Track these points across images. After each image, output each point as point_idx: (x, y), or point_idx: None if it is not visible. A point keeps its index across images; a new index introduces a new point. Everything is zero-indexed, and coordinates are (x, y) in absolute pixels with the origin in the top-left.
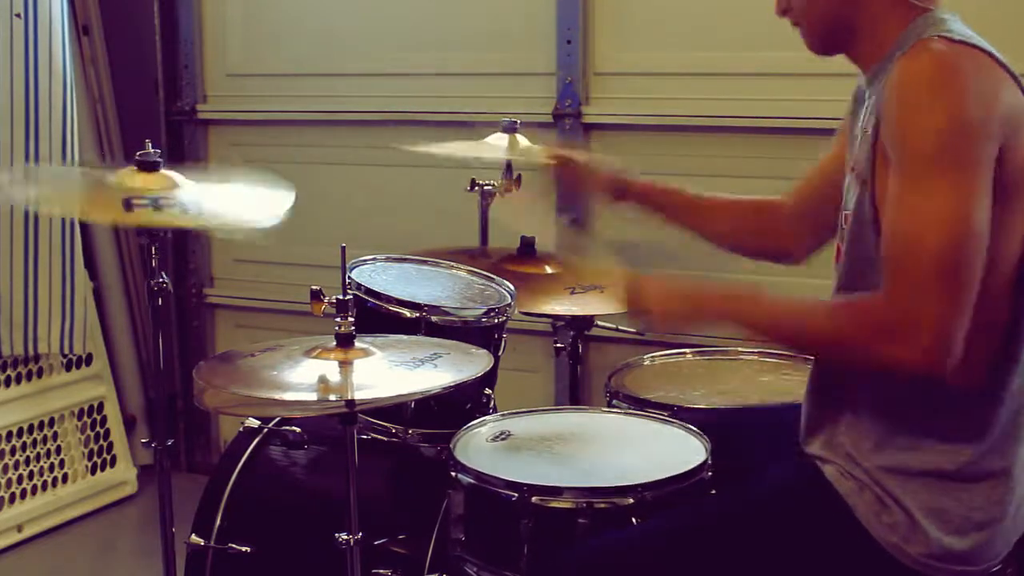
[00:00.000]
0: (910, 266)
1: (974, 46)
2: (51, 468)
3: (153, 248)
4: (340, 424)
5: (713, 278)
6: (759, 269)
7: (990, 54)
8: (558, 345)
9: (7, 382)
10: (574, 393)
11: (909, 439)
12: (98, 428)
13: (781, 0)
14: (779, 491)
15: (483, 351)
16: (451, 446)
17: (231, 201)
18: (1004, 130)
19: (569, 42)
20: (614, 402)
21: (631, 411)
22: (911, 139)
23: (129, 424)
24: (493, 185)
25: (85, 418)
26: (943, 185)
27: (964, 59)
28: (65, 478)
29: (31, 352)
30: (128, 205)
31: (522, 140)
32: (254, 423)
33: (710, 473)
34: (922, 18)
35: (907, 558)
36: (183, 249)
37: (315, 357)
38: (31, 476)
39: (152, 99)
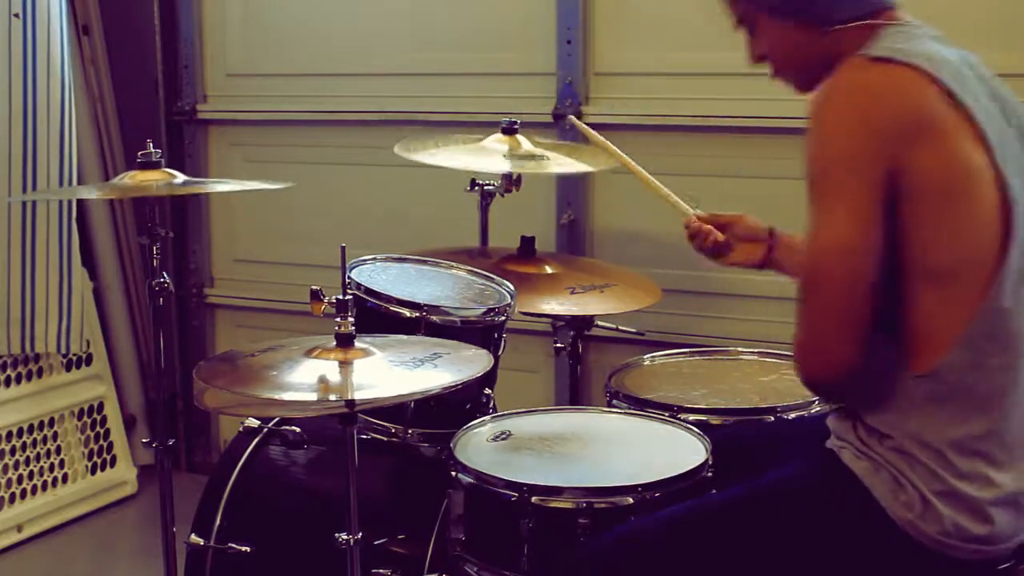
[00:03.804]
0: (805, 295)
1: (888, 60)
2: (51, 468)
3: (154, 248)
4: (340, 424)
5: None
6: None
7: (911, 65)
8: (558, 345)
9: (7, 382)
10: (574, 393)
11: (911, 426)
12: (98, 428)
13: (752, 51)
14: (795, 475)
15: (483, 351)
16: (451, 446)
17: None
18: (901, 145)
19: (569, 42)
20: (614, 402)
21: (631, 411)
22: (807, 165)
23: (129, 424)
24: (493, 185)
25: (85, 418)
26: (826, 210)
27: (864, 78)
28: (65, 478)
29: (28, 351)
30: None
31: (522, 140)
32: (254, 423)
33: (710, 473)
34: (872, 35)
35: (923, 536)
36: (183, 249)
37: (315, 357)
38: (31, 476)
39: (152, 99)
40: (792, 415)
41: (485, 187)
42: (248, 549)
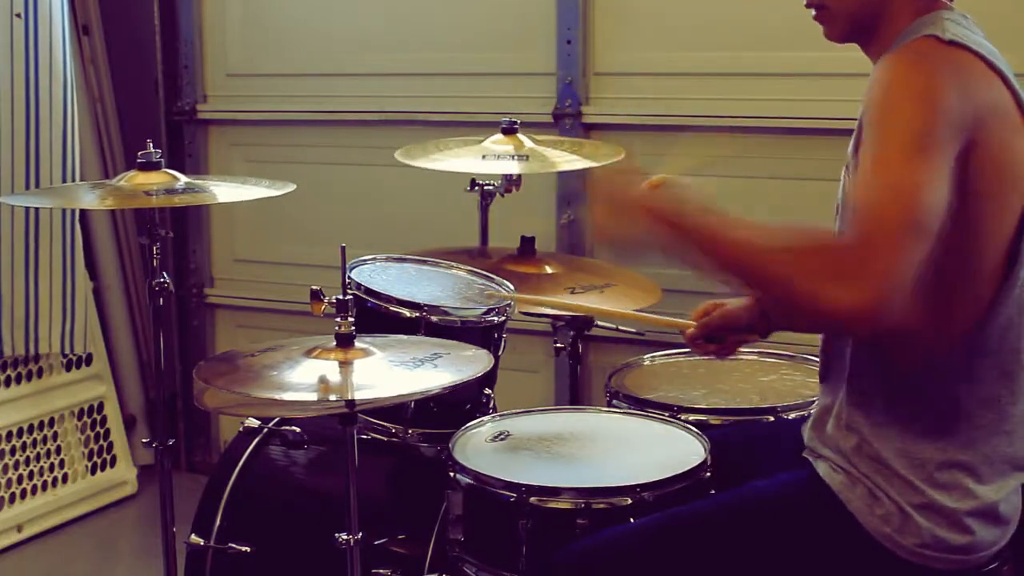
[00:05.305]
0: (874, 218)
1: (962, 46)
2: (51, 468)
3: (154, 248)
4: (340, 424)
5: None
6: None
7: (979, 55)
8: (558, 345)
9: (7, 382)
10: (574, 393)
11: (890, 436)
12: (98, 428)
13: None
14: (773, 488)
15: (483, 351)
16: (450, 446)
17: None
18: (977, 124)
19: (569, 42)
20: (614, 402)
21: (631, 411)
22: (887, 119)
23: (129, 424)
24: (493, 185)
25: (85, 418)
26: (912, 161)
27: (945, 56)
28: (65, 478)
29: (32, 352)
30: None
31: (524, 140)
32: (254, 423)
33: (709, 473)
34: (927, 16)
35: (902, 549)
36: (183, 249)
37: (315, 357)
38: (31, 476)
39: (152, 99)
40: (792, 415)
41: (485, 187)
42: (248, 549)
